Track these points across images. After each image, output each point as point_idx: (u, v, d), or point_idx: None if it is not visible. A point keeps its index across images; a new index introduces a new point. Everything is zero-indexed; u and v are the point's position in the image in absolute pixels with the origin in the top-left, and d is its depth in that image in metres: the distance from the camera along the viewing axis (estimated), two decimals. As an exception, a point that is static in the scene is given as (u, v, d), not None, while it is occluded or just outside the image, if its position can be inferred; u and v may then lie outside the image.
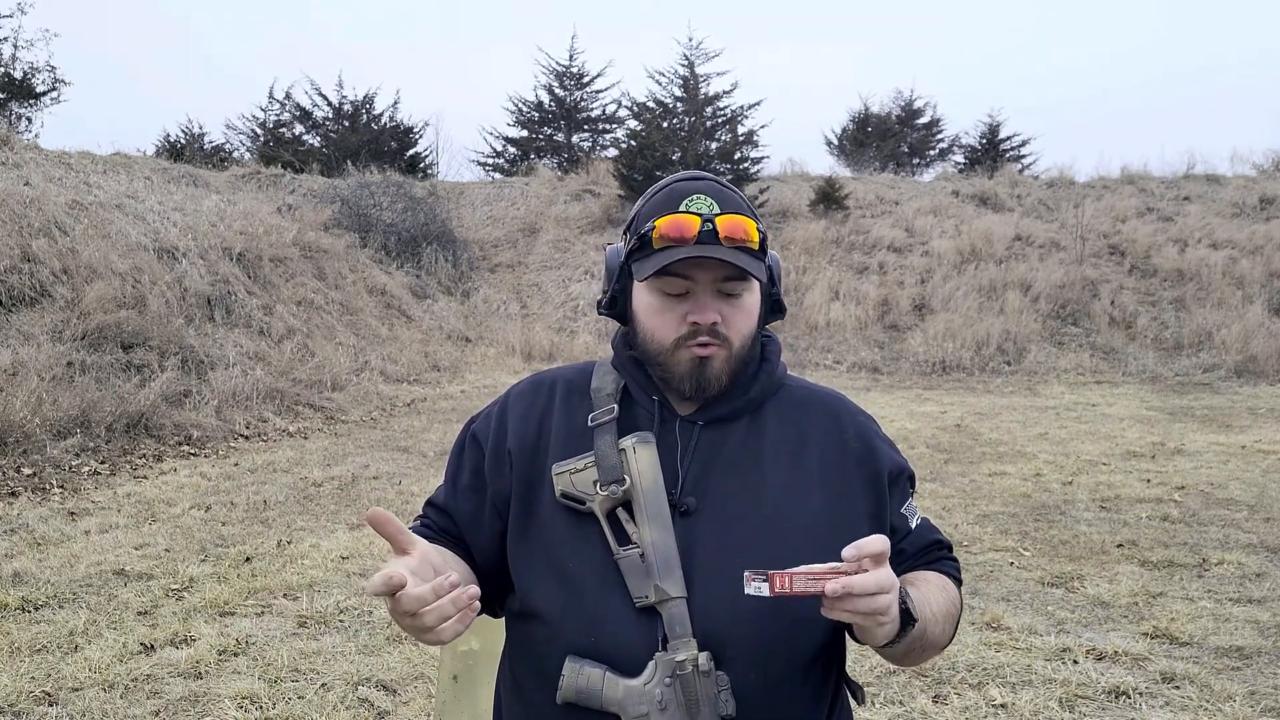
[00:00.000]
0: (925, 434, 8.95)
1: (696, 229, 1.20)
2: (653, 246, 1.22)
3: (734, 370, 1.25)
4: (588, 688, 1.16)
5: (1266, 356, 13.17)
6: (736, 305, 1.24)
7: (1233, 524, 5.78)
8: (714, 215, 1.21)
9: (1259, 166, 20.21)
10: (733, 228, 1.20)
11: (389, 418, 10.10)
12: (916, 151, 26.03)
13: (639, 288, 1.27)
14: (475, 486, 1.30)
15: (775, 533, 1.21)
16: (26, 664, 3.66)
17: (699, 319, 1.22)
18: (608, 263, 1.32)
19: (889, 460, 1.31)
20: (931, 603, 1.21)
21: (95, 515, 5.92)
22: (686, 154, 18.22)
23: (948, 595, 1.28)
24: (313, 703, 3.41)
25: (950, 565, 1.36)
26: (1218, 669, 3.69)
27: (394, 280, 15.34)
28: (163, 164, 16.72)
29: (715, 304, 1.22)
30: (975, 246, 16.58)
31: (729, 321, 1.23)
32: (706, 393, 1.25)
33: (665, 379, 1.26)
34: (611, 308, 1.34)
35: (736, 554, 1.19)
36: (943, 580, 1.31)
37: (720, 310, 1.23)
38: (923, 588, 1.24)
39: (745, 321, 1.25)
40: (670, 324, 1.23)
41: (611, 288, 1.32)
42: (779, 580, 1.01)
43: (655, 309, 1.25)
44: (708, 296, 1.22)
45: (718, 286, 1.22)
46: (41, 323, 8.92)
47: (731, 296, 1.23)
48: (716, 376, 1.24)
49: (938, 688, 3.52)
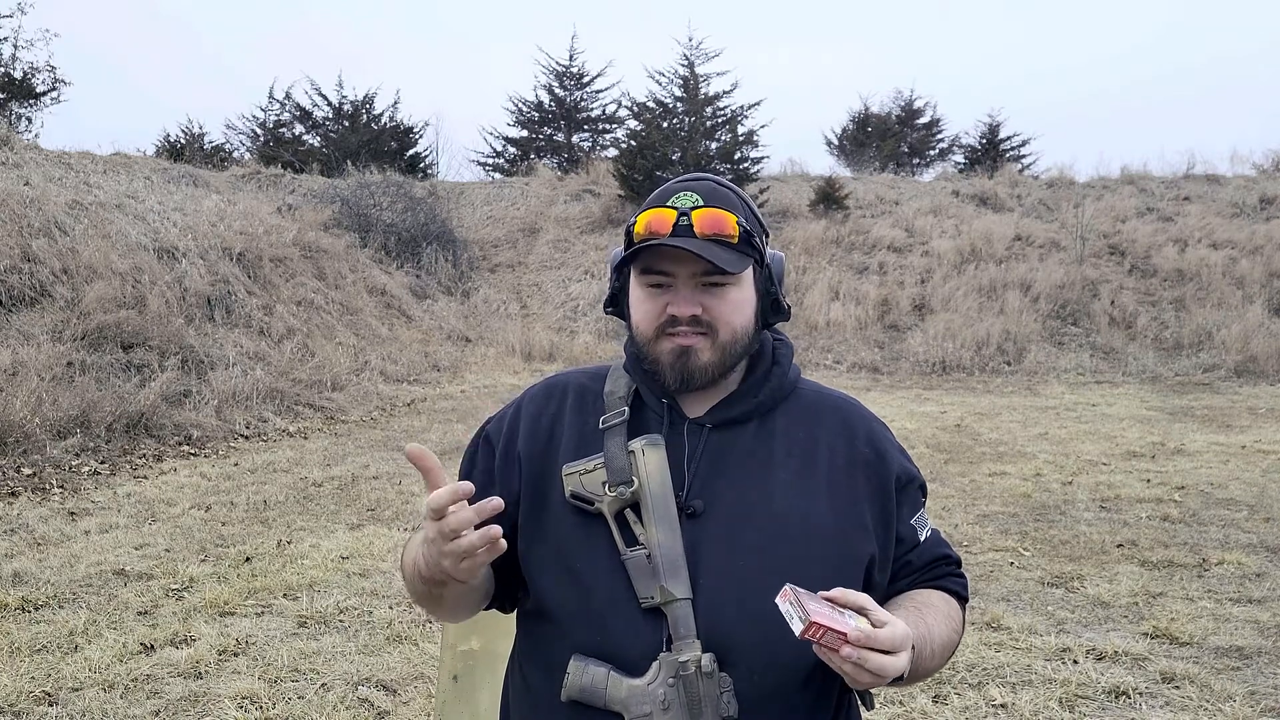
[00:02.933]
0: (925, 434, 8.95)
1: (672, 223, 1.22)
2: (634, 240, 1.24)
3: (724, 360, 1.25)
4: (591, 686, 1.16)
5: (1266, 356, 13.17)
6: (720, 297, 1.24)
7: (1233, 524, 5.78)
8: (691, 209, 1.22)
9: (1259, 166, 20.24)
10: (709, 221, 1.21)
11: (389, 418, 10.10)
12: (916, 151, 26.04)
13: (631, 283, 1.30)
14: (484, 486, 1.31)
15: (782, 536, 1.21)
16: (26, 664, 3.66)
17: (676, 310, 1.23)
18: (610, 262, 1.35)
19: (899, 468, 1.31)
20: (934, 639, 1.21)
21: (95, 515, 5.92)
22: (686, 154, 18.21)
23: (950, 625, 1.28)
24: (313, 703, 3.41)
25: (956, 583, 1.35)
26: (1218, 669, 3.69)
27: (394, 280, 15.34)
28: (163, 164, 16.73)
29: (696, 296, 1.23)
30: (975, 246, 16.58)
31: (712, 312, 1.24)
32: (692, 384, 1.25)
33: (652, 371, 1.28)
34: (614, 305, 1.36)
35: (742, 557, 1.19)
36: (949, 607, 1.30)
37: (702, 302, 1.23)
38: (930, 618, 1.23)
39: (734, 314, 1.25)
40: (651, 314, 1.25)
41: (612, 286, 1.35)
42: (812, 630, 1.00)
43: (640, 300, 1.27)
44: (687, 289, 1.24)
45: (699, 280, 1.24)
46: (41, 323, 8.92)
47: (714, 288, 1.24)
48: (703, 368, 1.24)
49: (938, 688, 3.52)
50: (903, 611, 1.23)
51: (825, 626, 0.99)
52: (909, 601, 1.28)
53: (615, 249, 1.35)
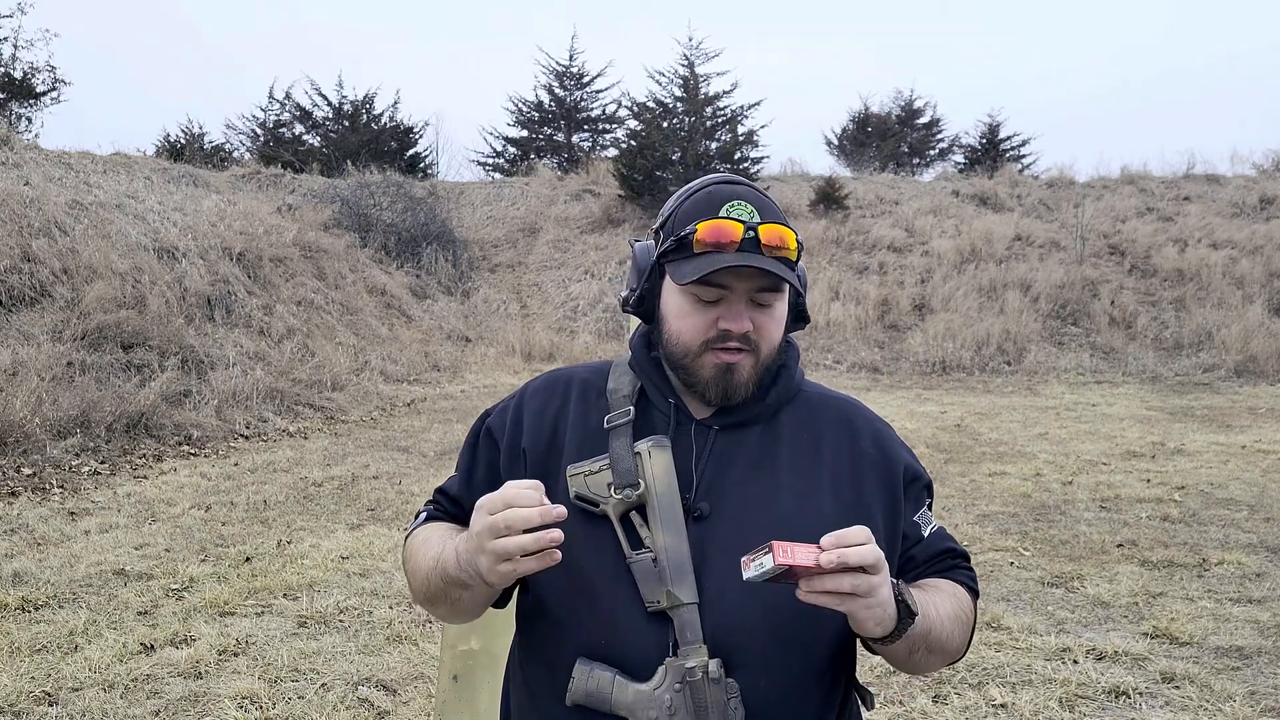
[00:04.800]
0: (925, 434, 8.95)
1: (739, 236, 1.18)
2: (692, 250, 1.20)
3: (759, 377, 1.25)
4: (597, 691, 1.15)
5: (1266, 356, 13.17)
6: (768, 314, 1.23)
7: (1233, 524, 5.78)
8: (756, 223, 1.20)
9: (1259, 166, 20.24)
10: (774, 237, 1.19)
11: (389, 418, 10.10)
12: (916, 151, 26.04)
13: (669, 289, 1.26)
14: (490, 481, 1.29)
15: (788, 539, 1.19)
16: (26, 664, 3.65)
17: (732, 326, 1.20)
18: (638, 260, 1.30)
19: (905, 467, 1.30)
20: (937, 603, 1.20)
21: (95, 515, 5.92)
22: (686, 154, 18.21)
23: (957, 601, 1.27)
24: (313, 703, 3.41)
25: (964, 574, 1.34)
26: (1218, 669, 3.69)
27: (394, 280, 15.34)
28: (163, 164, 16.73)
29: (749, 312, 1.22)
30: (975, 246, 16.58)
31: (760, 329, 1.22)
32: (732, 399, 1.24)
33: (689, 383, 1.25)
34: (639, 306, 1.32)
35: None
36: (953, 587, 1.29)
37: (753, 318, 1.22)
38: (929, 591, 1.23)
39: (775, 330, 1.24)
40: (699, 327, 1.22)
41: (641, 286, 1.30)
42: (780, 551, 0.99)
43: (685, 311, 1.23)
44: (742, 304, 1.21)
45: (752, 295, 1.22)
46: (41, 323, 8.92)
47: (764, 306, 1.23)
48: (743, 384, 1.23)
49: (938, 688, 3.52)
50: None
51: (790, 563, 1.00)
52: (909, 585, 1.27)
53: (640, 243, 1.31)
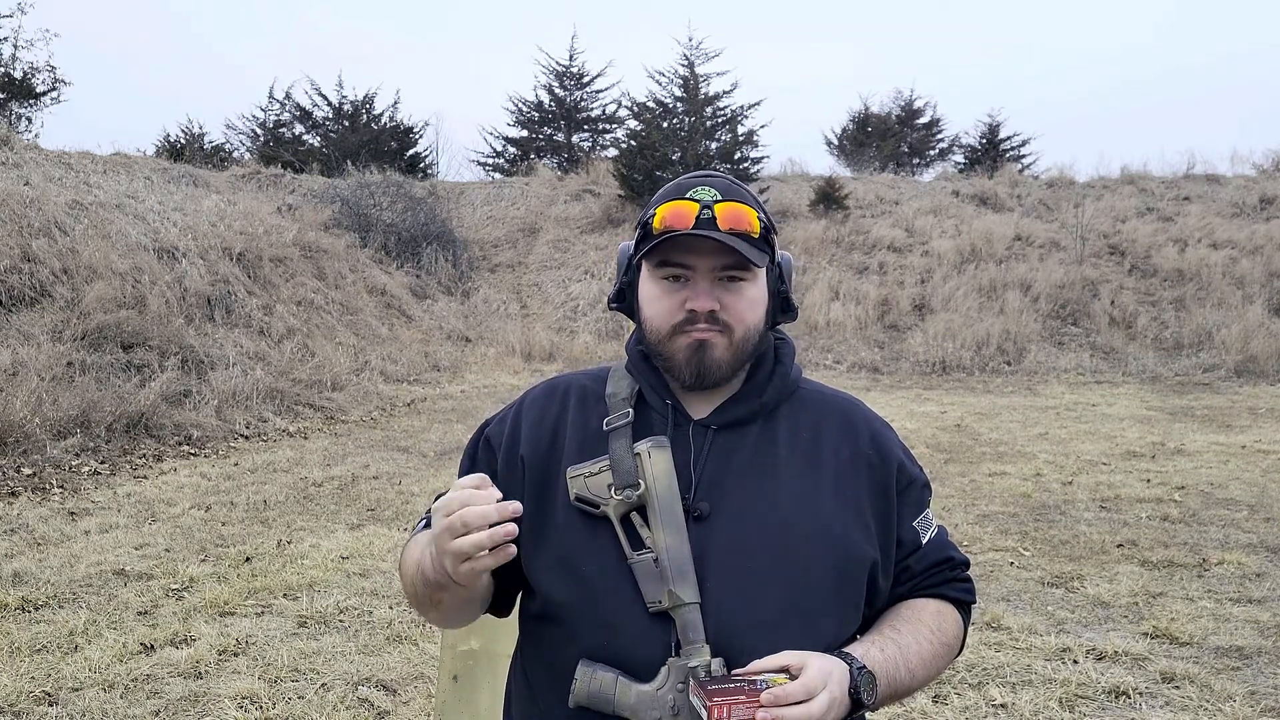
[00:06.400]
0: (925, 434, 8.95)
1: (695, 214, 1.20)
2: (653, 233, 1.22)
3: (736, 358, 1.25)
4: (600, 692, 1.15)
5: (1266, 356, 13.17)
6: (737, 293, 1.23)
7: (1233, 524, 5.78)
8: (713, 202, 1.21)
9: (1259, 166, 20.25)
10: (731, 215, 1.20)
11: (389, 418, 10.10)
12: (916, 151, 26.04)
13: (643, 278, 1.28)
14: None
15: (787, 538, 1.20)
16: (26, 664, 3.65)
17: (696, 305, 1.21)
18: (618, 257, 1.33)
19: (901, 470, 1.30)
20: (909, 659, 1.21)
21: (95, 515, 5.92)
22: (686, 154, 18.21)
23: (938, 637, 1.26)
24: (313, 703, 3.41)
25: (959, 588, 1.33)
26: (1218, 669, 3.68)
27: (394, 280, 15.34)
28: (163, 164, 16.73)
29: (714, 291, 1.22)
30: (975, 246, 16.58)
31: (729, 308, 1.22)
32: (707, 380, 1.24)
33: (667, 368, 1.26)
34: (620, 301, 1.34)
35: (750, 559, 1.18)
36: (940, 620, 1.29)
37: (720, 298, 1.22)
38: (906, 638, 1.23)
39: (748, 310, 1.24)
40: (668, 310, 1.24)
41: (620, 280, 1.33)
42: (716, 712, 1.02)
43: (655, 296, 1.25)
44: (706, 283, 1.22)
45: (717, 274, 1.22)
46: (41, 323, 8.92)
47: (732, 283, 1.23)
48: (717, 363, 1.23)
49: (938, 687, 3.52)
50: (873, 634, 1.23)
51: (728, 704, 1.02)
52: (891, 618, 1.27)
53: (624, 243, 1.33)
